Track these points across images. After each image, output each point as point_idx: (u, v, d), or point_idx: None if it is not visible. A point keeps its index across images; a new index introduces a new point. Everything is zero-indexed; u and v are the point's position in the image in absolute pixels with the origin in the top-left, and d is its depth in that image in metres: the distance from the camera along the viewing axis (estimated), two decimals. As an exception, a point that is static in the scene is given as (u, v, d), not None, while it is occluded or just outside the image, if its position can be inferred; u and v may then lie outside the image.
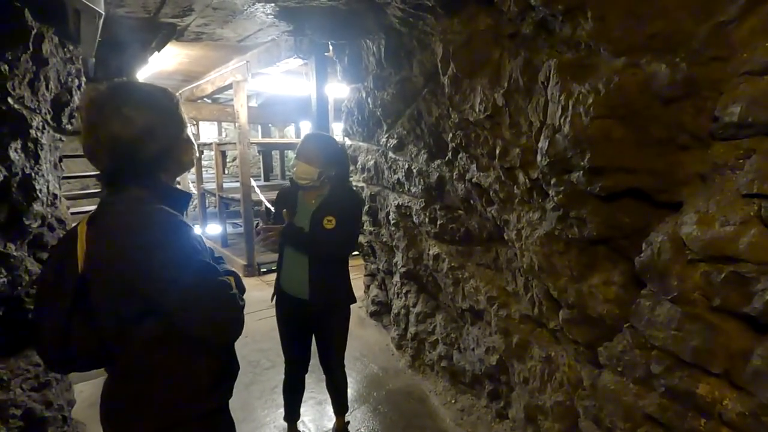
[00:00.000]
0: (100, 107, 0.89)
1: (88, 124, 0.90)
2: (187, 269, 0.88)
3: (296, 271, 1.92)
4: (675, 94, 1.03)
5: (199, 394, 0.98)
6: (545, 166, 1.37)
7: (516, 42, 1.55)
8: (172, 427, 0.96)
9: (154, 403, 0.95)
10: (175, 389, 0.96)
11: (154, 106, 0.93)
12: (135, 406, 0.96)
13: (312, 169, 1.84)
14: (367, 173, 3.39)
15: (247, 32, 3.25)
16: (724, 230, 0.93)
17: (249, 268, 5.22)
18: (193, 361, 0.97)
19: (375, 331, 3.59)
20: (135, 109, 0.89)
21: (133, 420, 0.96)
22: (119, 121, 0.87)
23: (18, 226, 1.46)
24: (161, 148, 0.92)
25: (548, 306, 1.63)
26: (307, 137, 1.97)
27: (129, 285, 0.88)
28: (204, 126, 9.66)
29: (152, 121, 0.91)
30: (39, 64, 1.47)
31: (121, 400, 0.97)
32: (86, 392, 2.49)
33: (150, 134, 0.90)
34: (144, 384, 0.95)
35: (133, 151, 0.89)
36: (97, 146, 0.89)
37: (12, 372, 1.54)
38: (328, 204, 1.90)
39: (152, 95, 0.95)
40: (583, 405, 1.48)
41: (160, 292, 0.87)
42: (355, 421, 2.41)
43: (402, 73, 2.46)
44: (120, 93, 0.92)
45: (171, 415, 0.96)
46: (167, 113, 0.95)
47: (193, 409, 0.98)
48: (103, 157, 0.90)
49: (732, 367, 0.97)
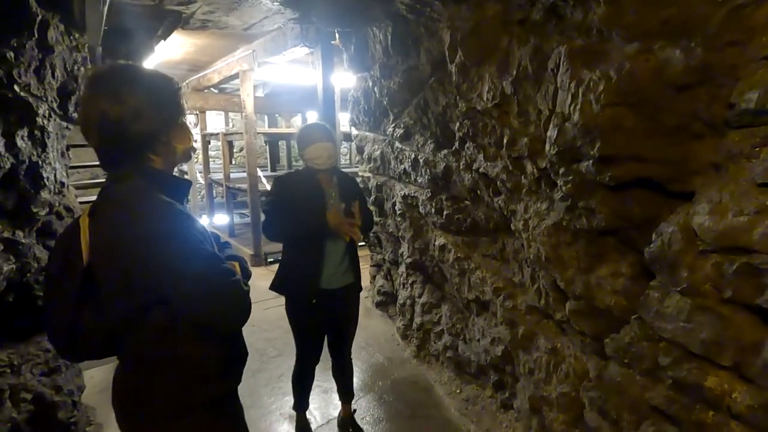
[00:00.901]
0: (96, 83, 0.90)
1: (83, 98, 0.92)
2: (193, 260, 0.88)
3: (336, 262, 1.95)
4: (689, 81, 1.00)
5: (208, 379, 0.99)
6: (554, 156, 1.35)
7: (525, 28, 1.51)
8: (182, 412, 0.97)
9: (164, 390, 0.96)
10: (185, 375, 0.96)
11: (147, 87, 0.93)
12: (145, 393, 0.97)
13: (332, 146, 1.90)
14: (374, 163, 3.37)
15: (252, 20, 3.23)
16: (737, 220, 0.91)
17: (256, 258, 5.26)
18: (201, 347, 0.97)
19: (380, 321, 3.60)
20: (127, 88, 0.90)
21: (144, 406, 0.97)
22: (109, 97, 0.88)
23: (26, 214, 1.47)
24: (149, 130, 0.92)
25: (555, 297, 1.62)
26: (307, 126, 2.01)
27: (134, 277, 0.88)
28: (211, 116, 9.69)
29: (142, 101, 0.90)
30: (44, 51, 1.46)
31: (132, 387, 0.99)
32: (96, 378, 2.54)
33: (137, 114, 0.89)
34: (154, 371, 0.96)
35: (119, 129, 0.89)
36: (87, 121, 0.90)
37: (22, 357, 1.57)
38: (342, 188, 1.98)
39: (149, 78, 0.95)
40: (589, 396, 1.47)
41: (166, 284, 0.88)
42: (361, 409, 2.43)
43: (409, 61, 2.43)
44: (118, 72, 0.93)
45: (181, 401, 0.96)
46: (160, 96, 0.95)
47: (203, 394, 0.98)
48: (93, 134, 0.90)
49: (742, 360, 0.95)
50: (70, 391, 1.81)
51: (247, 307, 0.97)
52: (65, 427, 1.75)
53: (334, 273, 1.96)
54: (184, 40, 4.10)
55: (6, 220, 1.40)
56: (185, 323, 0.93)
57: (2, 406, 1.44)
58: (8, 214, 1.41)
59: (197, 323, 0.94)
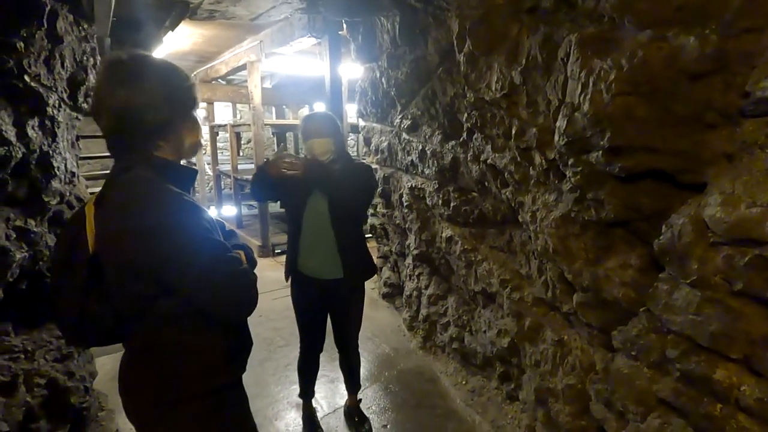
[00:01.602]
0: (116, 70, 0.90)
1: (100, 83, 0.91)
2: (200, 250, 0.89)
3: (322, 252, 1.89)
4: (703, 69, 0.98)
5: (213, 368, 1.00)
6: (563, 146, 1.33)
7: (535, 16, 1.49)
8: (187, 400, 0.98)
9: (169, 377, 0.97)
10: (189, 364, 0.97)
11: (166, 78, 0.94)
12: (150, 380, 0.98)
13: (328, 141, 1.85)
14: (381, 155, 3.36)
15: (260, 10, 3.22)
16: (750, 212, 0.89)
17: (264, 249, 5.29)
18: (206, 336, 0.98)
19: (387, 312, 3.62)
20: (148, 78, 0.90)
21: (149, 393, 0.98)
22: (129, 85, 0.88)
23: (37, 203, 1.49)
24: (163, 120, 0.92)
25: (562, 289, 1.61)
26: (308, 117, 1.94)
27: (140, 267, 0.88)
28: (219, 108, 9.70)
29: (160, 92, 0.91)
30: (54, 41, 1.47)
31: (138, 374, 1.00)
32: (108, 365, 2.59)
33: (155, 104, 0.90)
34: (159, 359, 0.97)
35: (137, 118, 0.89)
36: (103, 107, 0.90)
37: (36, 343, 1.60)
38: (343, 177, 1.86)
39: (167, 69, 0.96)
40: (596, 388, 1.47)
41: (174, 274, 0.88)
42: (367, 399, 2.45)
43: (416, 51, 2.40)
44: (138, 60, 0.93)
45: (185, 389, 0.97)
46: (177, 88, 0.95)
47: (207, 383, 0.99)
48: (109, 120, 0.91)
49: (751, 353, 0.94)
50: (83, 377, 1.84)
51: (254, 297, 0.97)
52: (78, 412, 1.78)
53: (317, 264, 1.91)
54: (191, 30, 4.10)
55: (18, 209, 1.42)
56: (191, 312, 0.94)
57: (17, 390, 1.48)
58: (20, 203, 1.43)
59: (204, 312, 0.94)
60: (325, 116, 1.95)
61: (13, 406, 1.44)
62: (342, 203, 1.83)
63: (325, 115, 1.97)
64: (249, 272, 0.97)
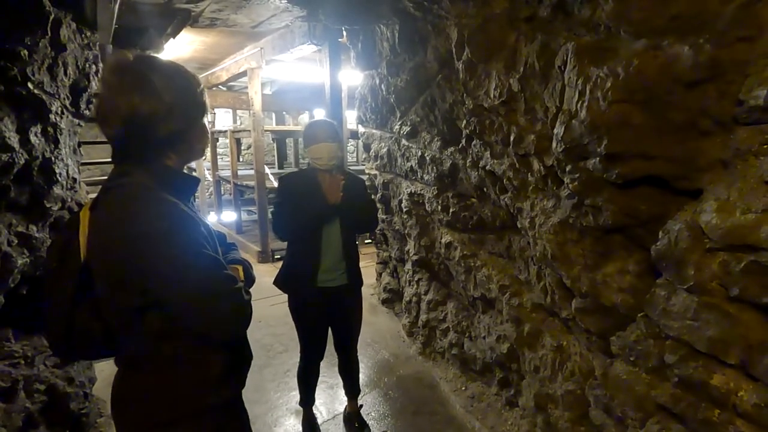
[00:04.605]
0: (124, 72, 0.84)
1: (108, 87, 0.85)
2: (192, 265, 0.83)
3: (330, 261, 1.94)
4: (698, 77, 1.00)
5: (210, 385, 0.94)
6: (560, 153, 1.35)
7: (532, 25, 1.51)
8: (180, 419, 0.92)
9: (163, 396, 0.91)
10: (184, 380, 0.92)
11: (180, 84, 0.88)
12: (142, 398, 0.92)
13: (335, 146, 1.89)
14: (380, 161, 3.38)
15: (260, 18, 3.25)
16: (745, 218, 0.91)
17: (263, 254, 5.30)
18: (201, 352, 0.93)
19: (386, 318, 3.62)
20: (161, 83, 0.84)
21: (140, 412, 0.92)
22: (142, 91, 0.82)
23: (39, 209, 1.50)
24: (177, 129, 0.87)
25: (561, 295, 1.62)
26: (312, 124, 1.99)
27: (129, 277, 0.83)
28: (219, 113, 9.75)
29: (175, 99, 0.85)
30: (57, 49, 1.49)
31: (129, 391, 0.94)
32: (106, 371, 2.57)
33: (170, 111, 0.85)
34: (151, 375, 0.91)
35: (149, 125, 0.84)
36: (112, 112, 0.83)
37: (36, 349, 1.60)
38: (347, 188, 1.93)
39: (180, 73, 0.90)
40: (594, 394, 1.47)
41: (162, 288, 0.83)
42: (366, 405, 2.44)
43: (416, 58, 2.43)
44: (148, 63, 0.86)
45: (180, 408, 0.92)
46: (190, 94, 0.90)
47: (203, 401, 0.93)
48: (115, 125, 0.84)
49: (748, 359, 0.95)
50: (82, 382, 1.84)
51: (246, 317, 0.92)
52: (77, 418, 1.78)
53: (331, 272, 1.95)
54: (192, 38, 4.13)
55: (20, 215, 1.43)
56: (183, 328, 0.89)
57: (17, 396, 1.48)
58: (22, 209, 1.44)
59: (193, 331, 0.89)
60: (329, 123, 1.99)
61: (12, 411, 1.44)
62: (352, 215, 1.93)
63: (330, 122, 2.01)
64: (243, 292, 0.90)
